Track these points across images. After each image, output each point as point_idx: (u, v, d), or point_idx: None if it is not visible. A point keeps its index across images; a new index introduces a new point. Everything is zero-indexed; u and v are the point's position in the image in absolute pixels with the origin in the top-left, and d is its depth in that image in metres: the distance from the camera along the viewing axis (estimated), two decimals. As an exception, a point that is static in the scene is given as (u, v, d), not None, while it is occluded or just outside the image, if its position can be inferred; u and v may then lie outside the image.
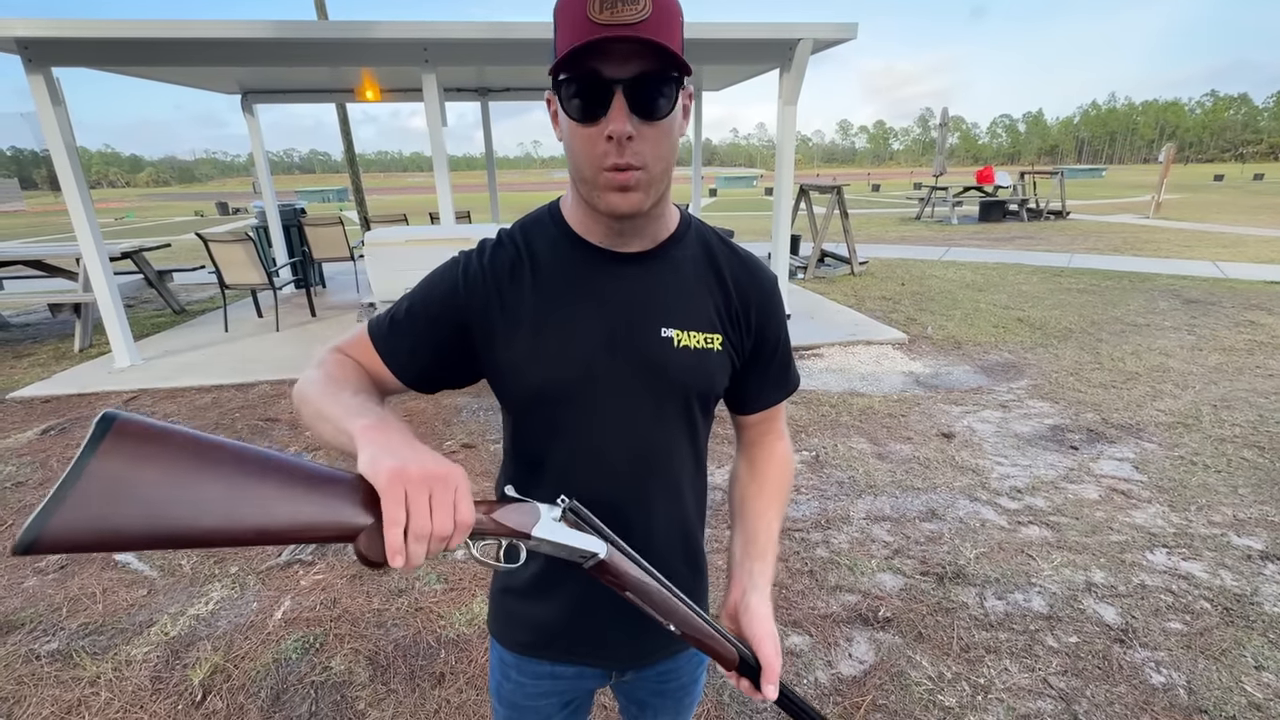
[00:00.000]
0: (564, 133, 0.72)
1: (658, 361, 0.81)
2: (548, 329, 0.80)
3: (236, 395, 4.50)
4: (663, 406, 0.84)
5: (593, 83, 0.66)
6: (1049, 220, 15.29)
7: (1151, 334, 5.56)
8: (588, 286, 0.81)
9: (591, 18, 0.63)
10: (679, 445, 0.88)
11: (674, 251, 0.83)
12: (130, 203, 48.49)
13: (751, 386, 0.92)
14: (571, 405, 0.83)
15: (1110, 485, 3.13)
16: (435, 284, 0.83)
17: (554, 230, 0.83)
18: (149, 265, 6.89)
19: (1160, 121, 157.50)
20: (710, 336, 0.83)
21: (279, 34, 4.51)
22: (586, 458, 0.85)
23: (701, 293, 0.84)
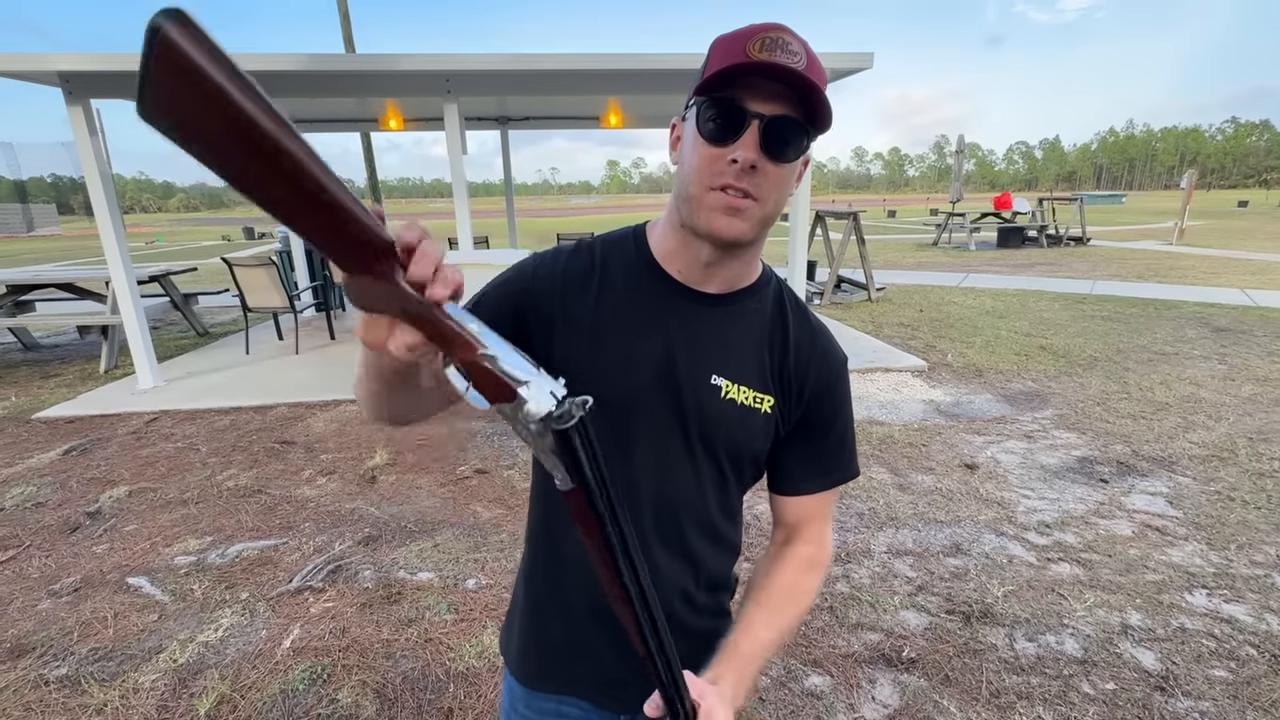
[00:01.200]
0: (684, 153, 0.73)
1: (700, 406, 0.79)
2: (603, 346, 0.79)
3: (255, 417, 4.53)
4: (694, 452, 0.82)
5: (734, 109, 0.67)
6: (1069, 246, 15.13)
7: (1180, 363, 5.41)
8: (652, 316, 0.80)
9: (750, 54, 0.65)
10: (706, 496, 0.85)
11: (746, 302, 0.82)
12: (161, 227, 49.99)
13: (790, 463, 0.87)
14: (606, 428, 0.80)
15: (1144, 521, 3.01)
16: (508, 276, 0.84)
17: (634, 253, 0.82)
18: (175, 288, 7.05)
19: (1180, 148, 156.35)
20: (760, 396, 0.81)
21: (311, 66, 4.65)
22: None
23: (762, 350, 0.82)
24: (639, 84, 5.41)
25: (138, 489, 3.46)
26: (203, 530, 3.03)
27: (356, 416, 4.50)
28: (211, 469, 3.70)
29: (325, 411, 4.62)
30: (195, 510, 3.23)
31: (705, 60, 0.70)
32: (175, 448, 4.02)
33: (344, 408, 4.69)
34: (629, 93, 5.97)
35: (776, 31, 0.66)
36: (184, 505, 3.28)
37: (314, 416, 4.52)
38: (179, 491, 3.43)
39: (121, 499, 3.35)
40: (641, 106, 7.23)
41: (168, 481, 3.55)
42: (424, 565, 2.73)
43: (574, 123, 8.57)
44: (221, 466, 3.73)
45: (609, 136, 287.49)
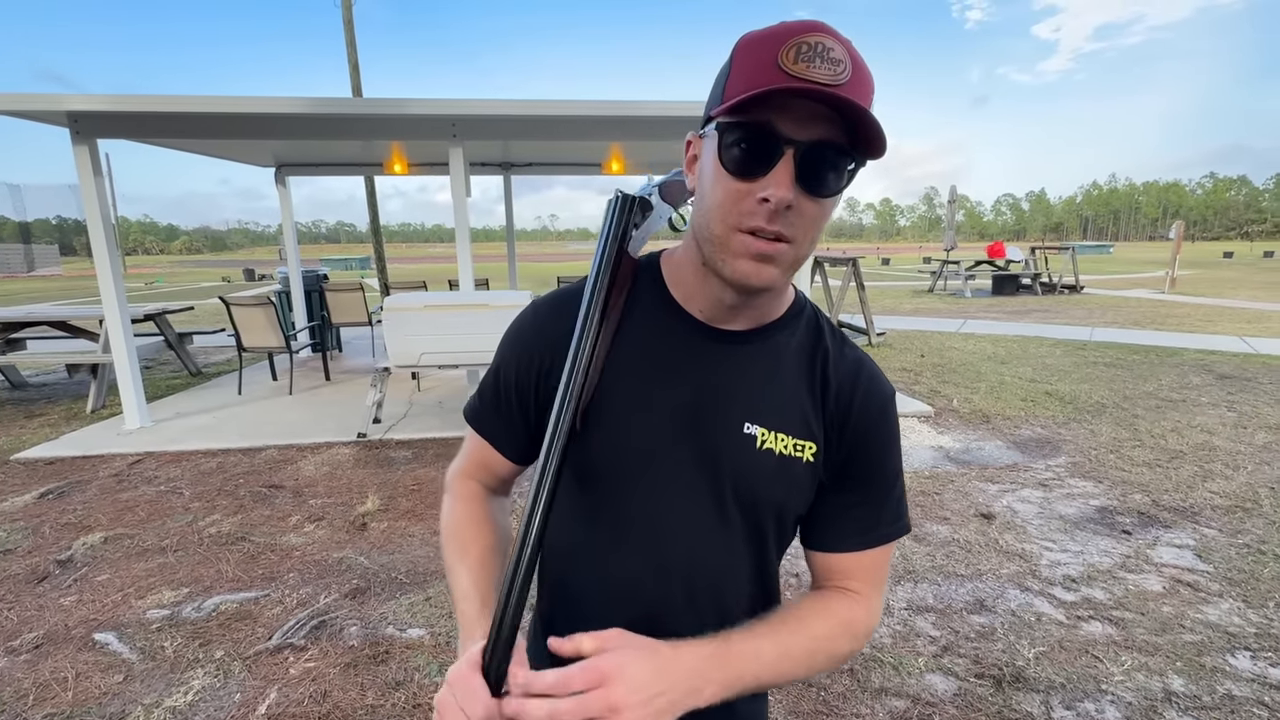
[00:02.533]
0: (704, 180, 0.62)
1: (734, 461, 0.69)
2: (613, 394, 0.69)
3: (243, 460, 4.37)
4: (727, 516, 0.70)
5: (763, 136, 0.55)
6: (1063, 294, 15.28)
7: (1189, 410, 5.34)
8: (670, 357, 0.70)
9: (783, 65, 0.53)
10: (739, 568, 0.73)
11: (778, 336, 0.71)
12: (161, 268, 50.31)
13: (829, 515, 0.74)
14: (618, 489, 0.71)
15: (1174, 576, 2.86)
16: (510, 340, 0.78)
17: (647, 289, 0.73)
18: (170, 327, 6.96)
19: (1163, 201, 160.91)
20: (802, 444, 0.69)
21: (323, 110, 4.70)
22: (621, 557, 0.72)
23: (800, 390, 0.71)
24: (641, 131, 5.50)
25: (114, 535, 3.28)
26: (180, 581, 2.85)
27: (349, 459, 4.36)
28: (194, 514, 3.53)
29: (316, 454, 4.47)
30: (173, 559, 3.05)
31: (728, 63, 0.58)
32: (157, 491, 3.85)
33: (335, 450, 4.54)
34: (631, 139, 6.06)
35: (815, 34, 0.53)
36: (162, 553, 3.11)
37: (304, 459, 4.37)
38: (157, 538, 3.25)
39: (96, 546, 3.17)
40: (643, 153, 7.35)
41: (146, 528, 3.37)
42: (415, 621, 2.55)
43: (576, 169, 8.71)
44: (204, 511, 3.56)
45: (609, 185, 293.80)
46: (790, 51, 0.53)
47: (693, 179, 0.65)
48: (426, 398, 5.97)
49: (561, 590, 0.79)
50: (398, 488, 3.86)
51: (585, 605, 0.76)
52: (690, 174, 0.66)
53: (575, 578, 0.76)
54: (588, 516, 0.73)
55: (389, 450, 4.54)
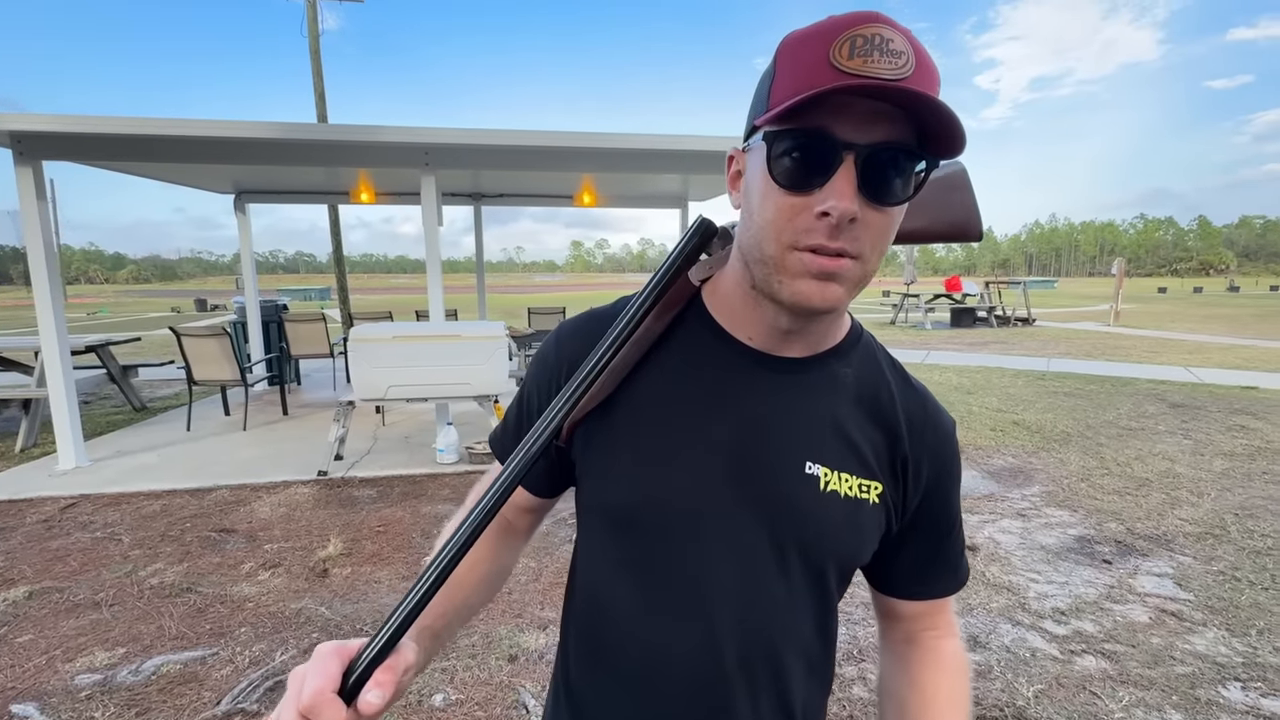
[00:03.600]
0: (751, 199, 0.55)
1: (794, 505, 0.61)
2: (656, 432, 0.63)
3: (190, 502, 4.07)
4: (788, 567, 0.62)
5: (818, 143, 0.49)
6: (1017, 326, 15.88)
7: (1149, 438, 5.50)
8: (718, 386, 0.62)
9: (835, 63, 0.47)
10: (802, 623, 0.64)
11: (835, 366, 0.64)
12: (106, 298, 48.13)
13: (913, 564, 0.70)
14: (663, 541, 0.62)
15: (1158, 605, 2.86)
16: (535, 363, 0.72)
17: (693, 316, 0.65)
18: (114, 359, 6.56)
19: (1100, 239, 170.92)
20: (867, 484, 0.62)
21: (291, 135, 4.56)
22: (663, 618, 0.62)
23: (863, 424, 0.64)
24: (615, 163, 5.51)
25: (40, 589, 2.97)
26: (115, 640, 2.57)
27: (308, 499, 4.10)
28: (133, 563, 3.23)
29: (272, 494, 4.19)
30: (109, 614, 2.76)
31: (771, 67, 0.52)
32: (92, 538, 3.53)
33: (294, 489, 4.27)
34: (605, 170, 6.08)
35: (871, 25, 0.47)
36: (95, 608, 2.81)
37: (259, 500, 4.09)
38: (91, 591, 2.96)
39: (19, 602, 2.86)
40: (615, 185, 7.38)
41: (79, 579, 3.07)
42: (381, 678, 2.35)
43: (547, 200, 8.70)
44: (146, 560, 3.27)
45: (575, 218, 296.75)
46: (844, 46, 0.47)
47: (737, 196, 0.59)
48: (392, 432, 5.73)
49: (589, 646, 0.69)
50: (362, 529, 3.63)
51: (619, 672, 0.66)
52: (734, 191, 0.60)
53: (608, 636, 0.67)
54: (625, 568, 0.65)
55: (352, 489, 4.30)
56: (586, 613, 0.69)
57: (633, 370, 0.64)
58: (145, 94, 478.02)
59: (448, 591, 0.61)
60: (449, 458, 4.70)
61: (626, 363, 0.63)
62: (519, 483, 0.56)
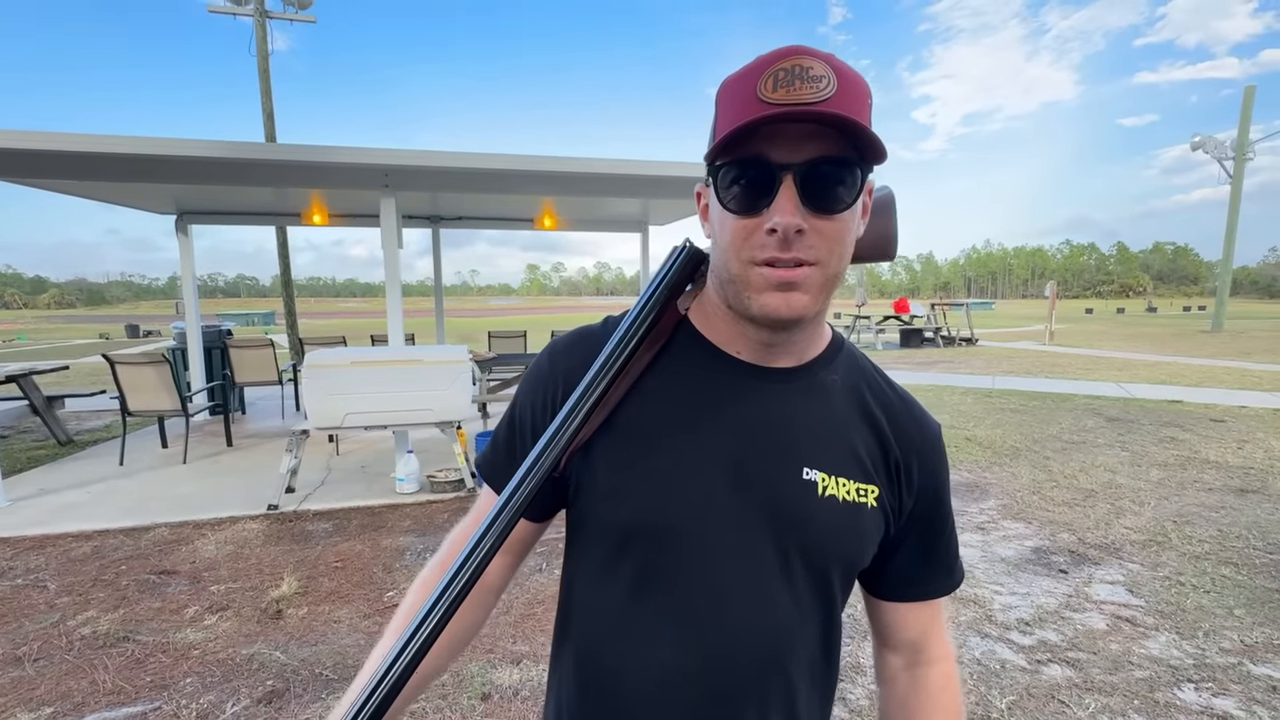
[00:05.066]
0: (714, 224, 0.61)
1: (796, 511, 0.62)
2: (659, 445, 0.63)
3: (125, 542, 3.78)
4: (792, 574, 0.63)
5: (757, 168, 0.54)
6: (962, 346, 16.59)
7: (1090, 451, 5.79)
8: (713, 399, 0.64)
9: (762, 96, 0.52)
10: (807, 632, 0.65)
11: (822, 374, 0.67)
12: (25, 325, 45.00)
13: (910, 565, 0.71)
14: (670, 556, 0.62)
15: (1113, 613, 2.98)
16: (527, 382, 0.71)
17: (683, 337, 0.67)
18: (37, 390, 6.10)
19: (1032, 264, 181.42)
20: (865, 488, 0.65)
21: (240, 154, 4.40)
22: (669, 633, 0.62)
23: (856, 429, 0.66)
24: (577, 186, 5.53)
25: (-48, 645, 2.68)
26: (40, 699, 2.34)
27: (258, 535, 3.87)
28: (61, 611, 2.97)
29: (218, 531, 3.94)
30: (32, 670, 2.52)
31: (715, 113, 0.58)
32: (12, 586, 3.23)
33: (241, 525, 4.03)
34: (567, 194, 6.10)
35: (792, 59, 0.52)
36: (17, 664, 2.56)
37: (203, 538, 3.84)
38: (11, 645, 2.69)
39: (-75, 661, 2.57)
40: (576, 209, 7.41)
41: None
42: None
43: (506, 223, 8.65)
44: (76, 608, 3.01)
45: (531, 241, 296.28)
46: (768, 81, 0.52)
47: (708, 227, 0.63)
48: (346, 462, 5.49)
49: (591, 671, 0.67)
50: (318, 565, 3.44)
51: (626, 696, 0.64)
52: (705, 223, 0.64)
53: (612, 659, 0.65)
54: (630, 587, 0.64)
55: (306, 523, 4.08)
56: (587, 636, 0.67)
57: (630, 391, 0.64)
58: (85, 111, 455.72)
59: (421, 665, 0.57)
60: (409, 487, 4.53)
61: (621, 387, 0.63)
62: (521, 515, 0.58)
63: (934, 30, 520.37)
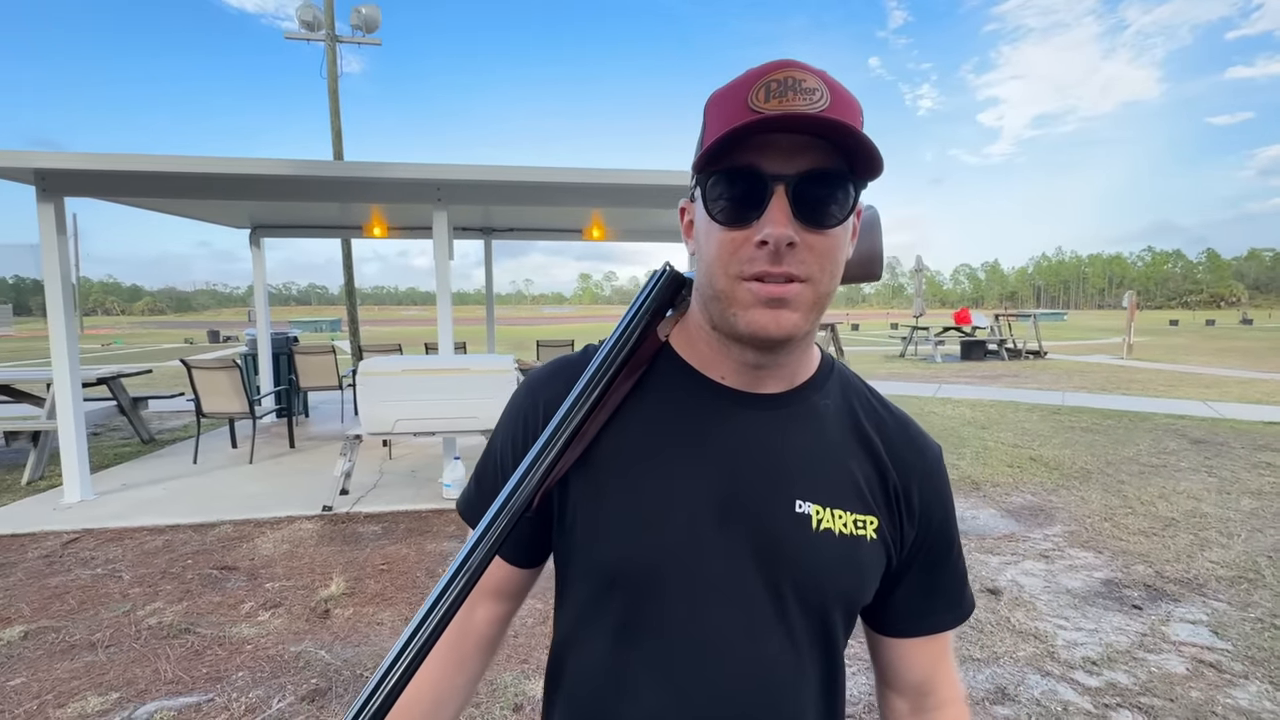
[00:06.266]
0: (699, 239, 0.57)
1: (789, 548, 0.58)
2: (640, 479, 0.59)
3: (193, 537, 4.01)
4: (788, 616, 0.59)
5: (748, 178, 0.51)
6: (1028, 359, 15.74)
7: (1171, 475, 5.35)
8: (701, 429, 0.61)
9: (754, 106, 0.50)
10: (806, 678, 0.60)
11: (814, 398, 0.63)
12: (121, 330, 48.81)
13: (914, 598, 0.66)
14: (659, 599, 0.58)
15: (1194, 655, 2.73)
16: (506, 416, 0.68)
17: (664, 364, 0.64)
18: (124, 391, 6.59)
19: (1109, 272, 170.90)
20: (863, 519, 0.60)
21: (306, 172, 4.65)
22: (660, 683, 0.58)
23: (851, 457, 0.62)
24: (623, 198, 5.56)
25: (37, 629, 2.90)
26: (109, 684, 2.50)
27: (312, 535, 4.03)
28: (132, 602, 3.17)
29: (276, 530, 4.13)
30: (104, 656, 2.69)
31: (702, 126, 0.56)
32: (93, 575, 3.47)
33: (298, 525, 4.21)
34: (612, 206, 6.14)
35: (784, 71, 0.50)
36: (91, 650, 2.74)
37: (262, 536, 4.03)
38: (88, 631, 2.89)
39: (14, 642, 2.79)
40: (624, 220, 7.45)
41: (76, 619, 3.00)
42: None
43: (557, 234, 8.79)
44: (145, 599, 3.20)
45: (584, 251, 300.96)
46: (760, 92, 0.50)
47: (692, 243, 0.60)
48: (398, 466, 5.67)
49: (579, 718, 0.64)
50: (365, 567, 3.55)
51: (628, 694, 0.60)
52: (690, 239, 0.61)
53: (605, 710, 0.61)
54: (619, 631, 0.60)
55: (357, 525, 4.23)
56: (575, 684, 0.64)
57: (609, 422, 0.61)
58: (171, 131, 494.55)
59: None
60: (454, 492, 4.63)
61: (599, 418, 0.60)
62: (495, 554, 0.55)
63: (1001, 30, 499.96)
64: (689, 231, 0.61)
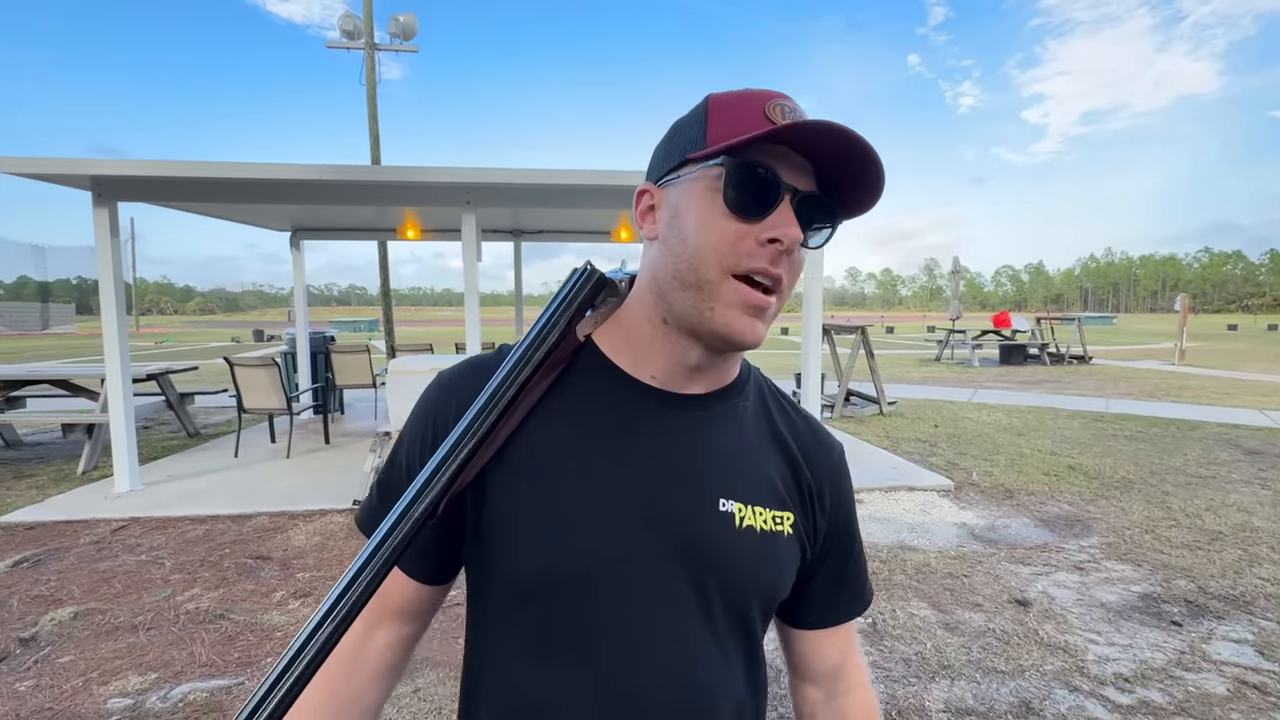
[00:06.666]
0: (685, 224, 0.55)
1: (714, 547, 0.58)
2: (563, 480, 0.57)
3: (231, 528, 4.18)
4: (713, 615, 0.59)
5: (767, 178, 0.53)
6: (1072, 364, 15.19)
7: (1221, 487, 5.11)
8: (624, 429, 0.59)
9: (772, 118, 0.53)
10: (732, 676, 0.61)
11: (735, 400, 0.64)
12: (174, 328, 51.07)
13: (823, 591, 0.69)
14: (587, 605, 0.56)
15: (1237, 676, 2.60)
16: (415, 423, 0.64)
17: (586, 361, 0.62)
18: (172, 387, 6.90)
19: (1161, 274, 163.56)
20: (781, 515, 0.62)
21: (341, 176, 4.80)
22: (589, 691, 0.56)
23: (768, 456, 0.64)
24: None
25: (85, 610, 3.07)
26: (148, 664, 2.62)
27: (342, 529, 4.15)
28: (173, 588, 3.32)
29: (309, 522, 4.27)
30: (144, 639, 2.83)
31: (703, 118, 0.56)
32: (137, 561, 3.65)
33: (329, 518, 4.34)
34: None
35: (788, 100, 0.54)
36: (133, 632, 2.88)
37: (296, 528, 4.17)
38: (131, 614, 3.04)
39: (65, 622, 2.96)
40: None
41: (121, 602, 3.16)
42: (400, 718, 2.31)
43: (585, 236, 8.86)
44: (185, 585, 3.35)
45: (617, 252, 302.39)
46: (776, 109, 0.53)
47: (652, 229, 0.59)
48: (427, 463, 5.79)
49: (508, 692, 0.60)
50: (391, 561, 3.65)
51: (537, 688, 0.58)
52: (648, 224, 0.59)
53: None
54: (532, 640, 0.58)
55: (385, 519, 4.34)
56: (498, 700, 0.60)
57: (526, 421, 0.58)
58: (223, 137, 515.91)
59: None
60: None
61: (514, 418, 0.58)
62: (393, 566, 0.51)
63: (1048, 25, 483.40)
64: (648, 216, 0.59)
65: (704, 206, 0.54)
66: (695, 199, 0.55)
